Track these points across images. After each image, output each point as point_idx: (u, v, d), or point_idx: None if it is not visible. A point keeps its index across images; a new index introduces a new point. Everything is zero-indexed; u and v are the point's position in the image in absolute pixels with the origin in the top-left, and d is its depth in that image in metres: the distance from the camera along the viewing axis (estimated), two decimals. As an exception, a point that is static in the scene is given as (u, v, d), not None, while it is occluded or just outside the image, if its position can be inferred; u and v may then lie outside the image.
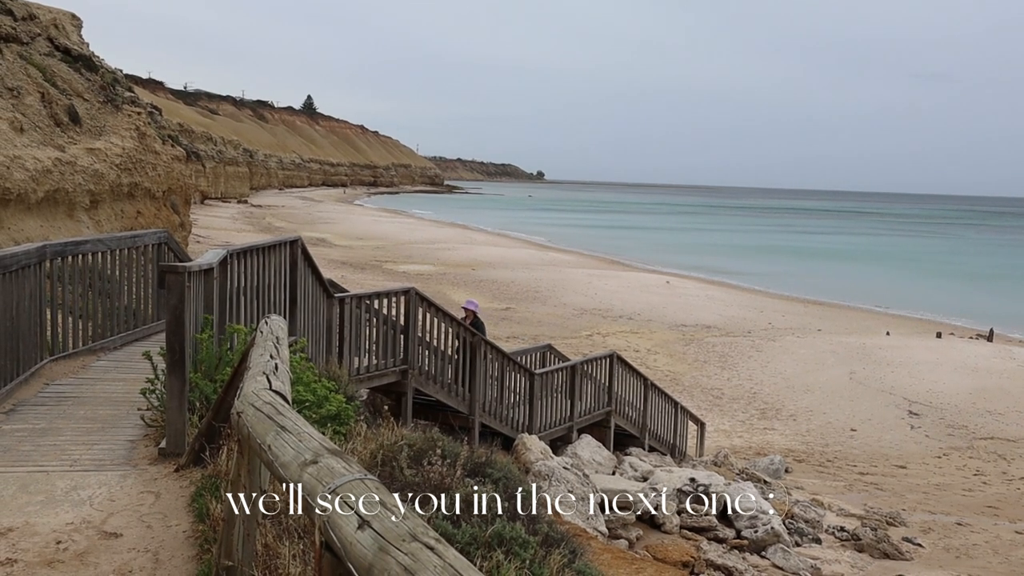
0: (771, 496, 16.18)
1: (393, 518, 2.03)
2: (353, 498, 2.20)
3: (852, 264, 66.73)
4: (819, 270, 60.57)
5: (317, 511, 2.30)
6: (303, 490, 2.49)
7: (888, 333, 34.43)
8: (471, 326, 14.80)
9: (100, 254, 10.74)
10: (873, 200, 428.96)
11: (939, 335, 34.57)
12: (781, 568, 13.31)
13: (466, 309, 15.77)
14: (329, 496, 2.28)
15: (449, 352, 14.42)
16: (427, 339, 14.02)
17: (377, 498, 2.17)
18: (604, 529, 12.54)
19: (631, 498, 13.57)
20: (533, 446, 13.97)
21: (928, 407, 24.16)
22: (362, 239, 62.06)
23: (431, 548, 1.86)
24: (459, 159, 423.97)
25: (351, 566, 2.04)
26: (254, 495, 3.81)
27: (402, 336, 13.45)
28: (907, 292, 49.90)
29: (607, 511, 13.24)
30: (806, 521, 15.28)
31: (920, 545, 14.97)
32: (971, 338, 34.65)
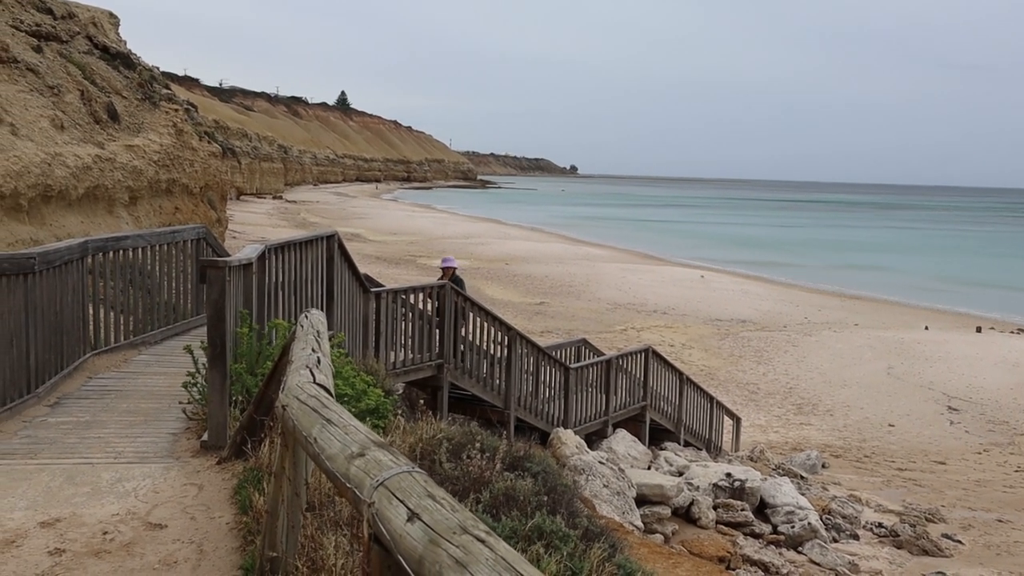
0: (808, 492, 16.08)
1: (443, 511, 2.05)
2: (401, 491, 2.22)
3: (889, 258, 65.98)
4: (855, 264, 59.99)
5: (365, 504, 2.32)
6: (350, 482, 2.51)
7: (927, 327, 34.04)
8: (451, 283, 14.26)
9: (140, 249, 10.87)
10: (910, 193, 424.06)
11: (979, 329, 34.13)
12: (818, 564, 13.24)
13: (444, 268, 15.00)
14: (377, 489, 2.30)
15: (491, 349, 14.31)
16: (463, 334, 14.04)
17: (426, 491, 2.18)
18: (640, 523, 12.54)
19: (667, 493, 13.55)
20: (568, 440, 13.98)
21: (968, 402, 23.87)
22: (396, 234, 62.29)
23: (482, 541, 1.87)
24: (492, 154, 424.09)
25: (401, 559, 2.05)
26: (298, 487, 3.85)
27: (437, 331, 13.49)
28: (946, 286, 49.30)
29: (642, 505, 13.24)
30: (843, 517, 15.17)
31: (960, 542, 14.82)
32: (1012, 332, 34.19)
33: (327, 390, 3.57)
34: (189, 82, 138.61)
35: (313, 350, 4.37)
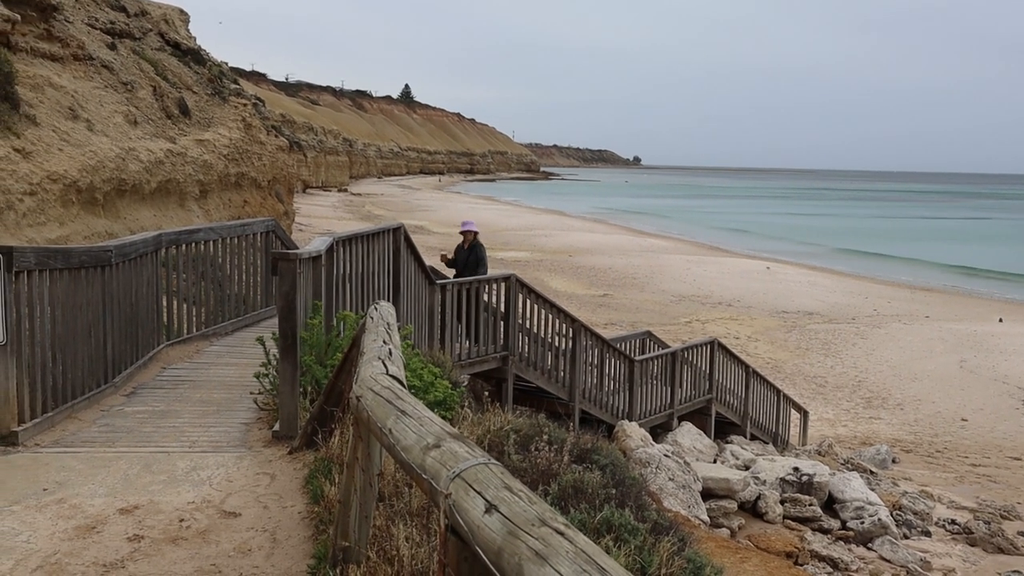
0: (878, 487, 15.81)
1: (520, 503, 2.05)
2: (478, 482, 2.23)
3: (960, 248, 64.45)
4: (925, 255, 58.68)
5: (442, 494, 2.34)
6: (426, 473, 2.53)
7: (1001, 319, 33.22)
8: (470, 250, 14.00)
9: (211, 242, 11.07)
10: (976, 182, 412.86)
11: (1056, 322, 33.24)
12: (889, 561, 13.00)
13: (464, 232, 14.06)
14: (454, 480, 2.31)
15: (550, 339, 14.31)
16: (527, 326, 14.05)
17: (503, 482, 2.19)
18: (706, 517, 12.44)
19: (733, 487, 13.43)
20: (633, 433, 13.92)
21: (1045, 397, 23.26)
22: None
23: (561, 533, 1.86)
24: (555, 145, 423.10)
25: (479, 549, 2.06)
26: (371, 477, 3.89)
27: (502, 323, 13.51)
28: (1020, 276, 48.01)
29: (708, 499, 13.14)
30: (915, 513, 14.89)
31: (1037, 540, 14.45)
32: (1090, 326, 33.22)
33: (400, 381, 3.60)
34: (256, 77, 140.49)
35: (384, 342, 4.40)
